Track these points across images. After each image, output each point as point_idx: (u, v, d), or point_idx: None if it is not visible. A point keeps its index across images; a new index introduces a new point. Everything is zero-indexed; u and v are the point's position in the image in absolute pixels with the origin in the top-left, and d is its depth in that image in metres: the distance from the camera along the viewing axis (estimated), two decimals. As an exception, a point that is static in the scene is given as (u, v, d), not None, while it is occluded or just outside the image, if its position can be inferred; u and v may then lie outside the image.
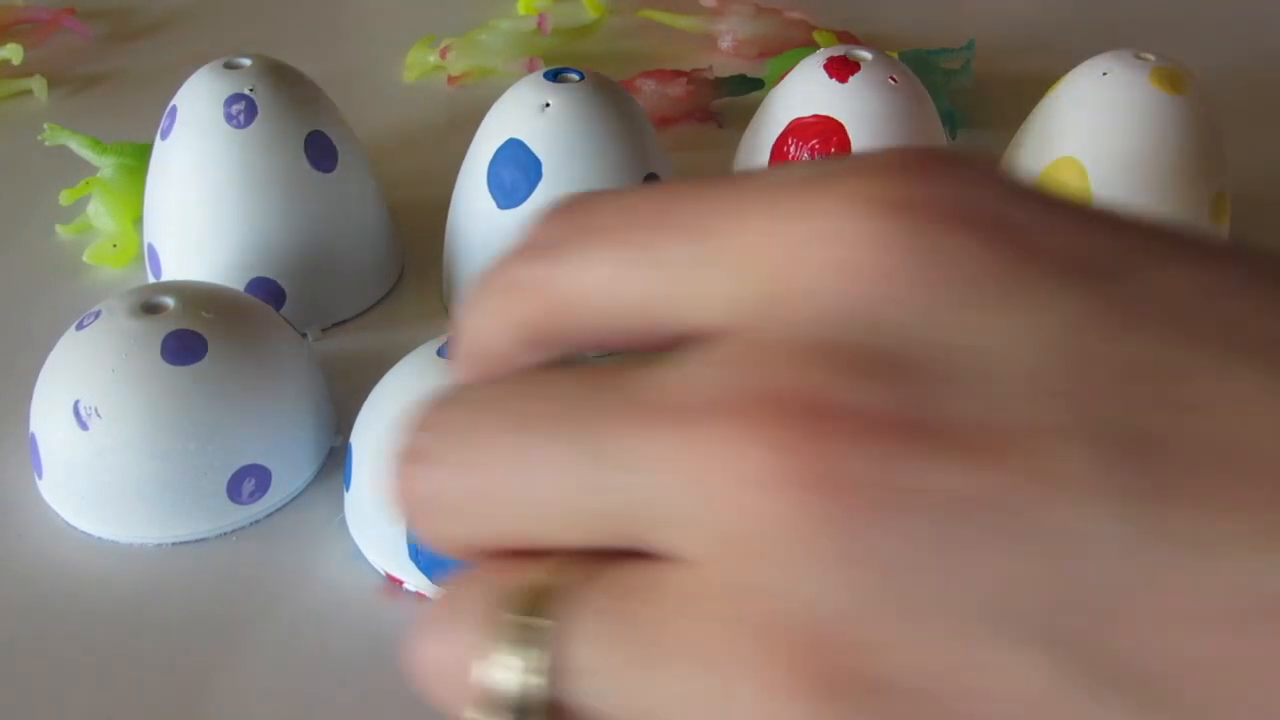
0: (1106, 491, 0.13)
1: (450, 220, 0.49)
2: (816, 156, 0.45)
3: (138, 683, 0.34)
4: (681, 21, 0.69)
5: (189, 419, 0.37)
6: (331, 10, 0.78)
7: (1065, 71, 0.48)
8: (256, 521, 0.40)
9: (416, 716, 0.33)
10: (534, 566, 0.16)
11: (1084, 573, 0.13)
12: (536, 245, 0.18)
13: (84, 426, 0.37)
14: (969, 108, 0.63)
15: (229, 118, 0.45)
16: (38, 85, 0.66)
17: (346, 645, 0.36)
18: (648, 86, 0.61)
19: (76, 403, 0.38)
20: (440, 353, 0.37)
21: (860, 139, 0.45)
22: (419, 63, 0.67)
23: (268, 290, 0.47)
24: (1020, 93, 0.55)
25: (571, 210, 0.18)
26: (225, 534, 0.39)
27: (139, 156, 0.53)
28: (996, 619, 0.14)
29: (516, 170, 0.45)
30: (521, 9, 0.70)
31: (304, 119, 0.47)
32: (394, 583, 0.37)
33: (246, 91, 0.46)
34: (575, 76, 0.46)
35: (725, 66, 0.65)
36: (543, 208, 0.18)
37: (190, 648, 0.36)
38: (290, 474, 0.40)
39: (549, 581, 0.16)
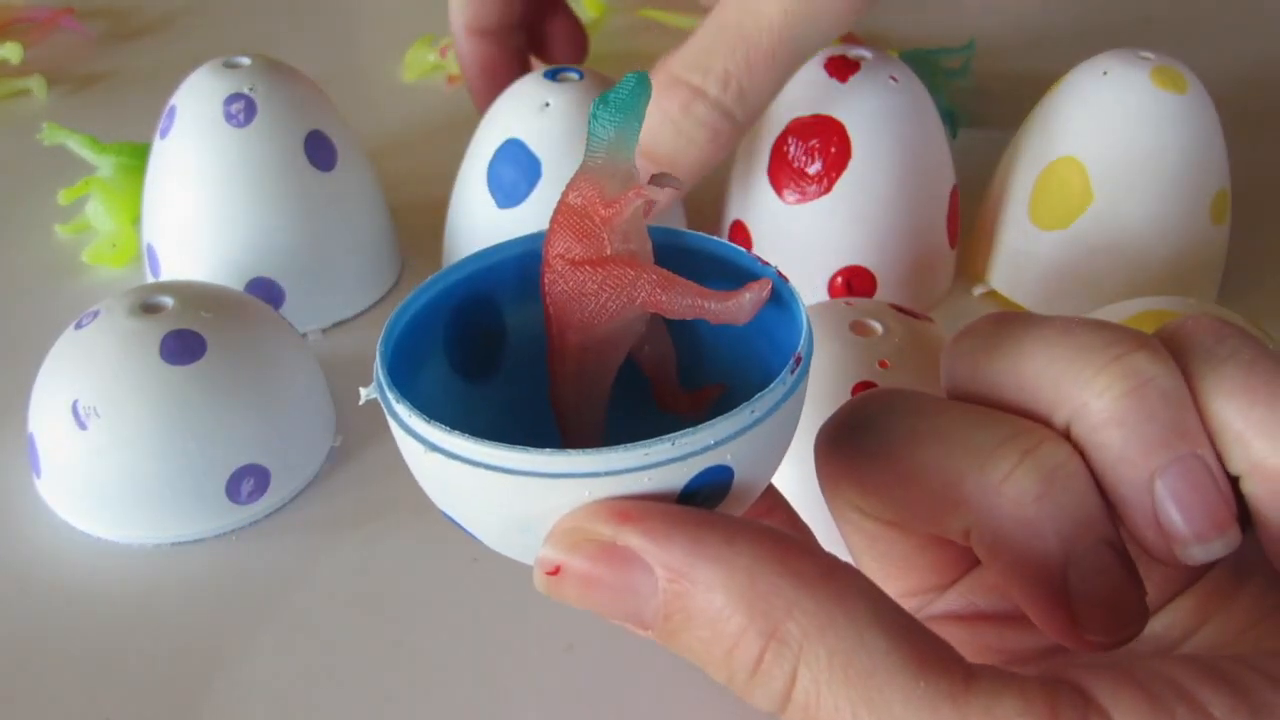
0: None
1: (450, 219, 0.49)
2: (816, 156, 0.45)
3: (136, 683, 0.34)
4: (682, 21, 0.69)
5: (188, 419, 0.37)
6: (331, 10, 0.78)
7: (1065, 71, 0.48)
8: (255, 521, 0.40)
9: (415, 716, 0.33)
10: None
11: None
12: None
13: (82, 426, 0.37)
14: (969, 107, 0.63)
15: (228, 117, 0.45)
16: (36, 84, 0.66)
17: (346, 646, 0.36)
18: (648, 86, 0.60)
19: (75, 402, 0.37)
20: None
21: (860, 139, 0.45)
22: (419, 62, 0.67)
23: (268, 290, 0.47)
24: (1020, 92, 0.55)
25: None
26: (224, 534, 0.39)
27: (138, 156, 0.53)
28: None
29: (516, 170, 0.45)
30: (521, 9, 0.70)
31: (303, 118, 0.47)
32: None
33: (246, 91, 0.46)
34: (575, 76, 0.46)
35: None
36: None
37: (189, 648, 0.35)
38: (289, 474, 0.40)
39: None
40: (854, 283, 0.46)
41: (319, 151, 0.47)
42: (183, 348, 0.38)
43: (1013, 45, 0.70)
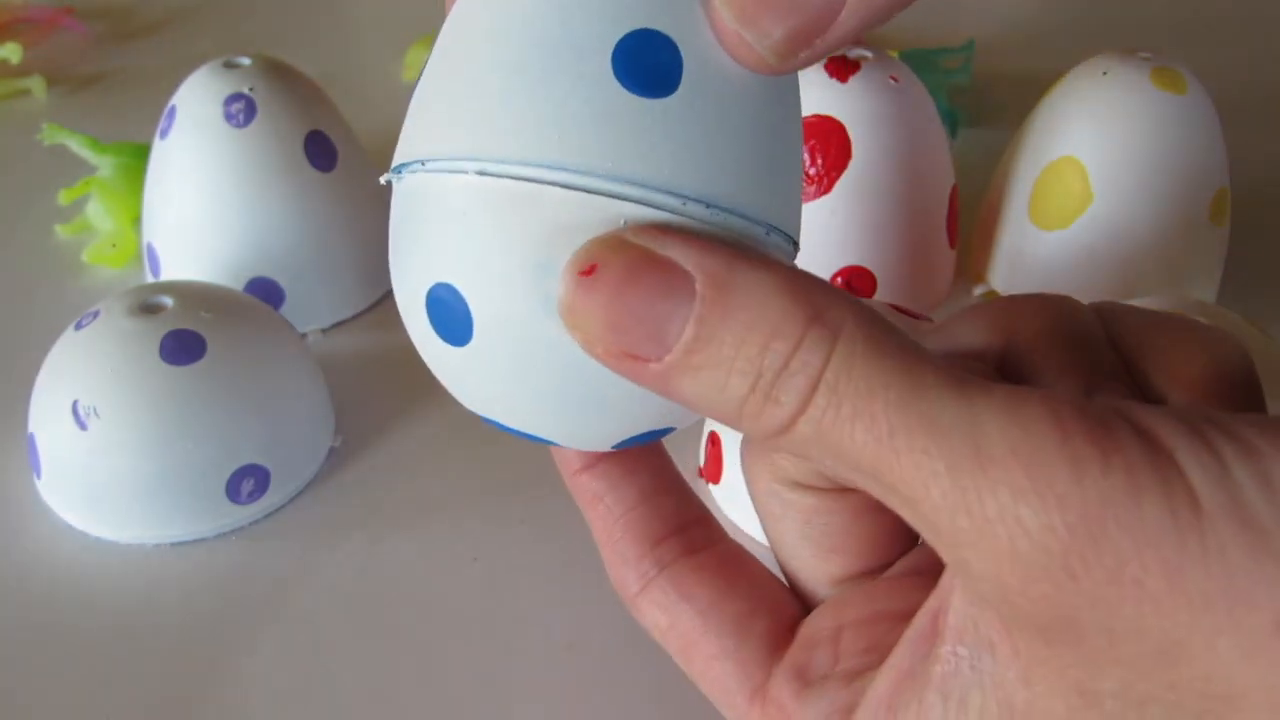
0: None
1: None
2: (817, 157, 0.45)
3: (136, 683, 0.34)
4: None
5: (187, 419, 0.37)
6: (331, 10, 0.78)
7: (1065, 71, 0.48)
8: (255, 521, 0.40)
9: (415, 716, 0.33)
10: None
11: None
12: None
13: (82, 426, 0.37)
14: (969, 107, 0.63)
15: (228, 117, 0.45)
16: (36, 84, 0.66)
17: (346, 646, 0.36)
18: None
19: (75, 403, 0.37)
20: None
21: (860, 139, 0.45)
22: (419, 62, 0.67)
23: (268, 290, 0.47)
24: (1020, 93, 0.55)
25: None
26: (224, 534, 0.39)
27: (138, 156, 0.53)
28: None
29: None
30: (521, 9, 0.70)
31: (304, 119, 0.47)
32: None
33: (246, 91, 0.46)
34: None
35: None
36: None
37: (189, 648, 0.35)
38: (289, 474, 0.40)
39: None
40: (854, 283, 0.46)
41: (319, 151, 0.47)
42: (182, 348, 0.38)
43: (1013, 45, 0.70)
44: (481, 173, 0.20)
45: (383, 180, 0.22)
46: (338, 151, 0.48)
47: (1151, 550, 0.16)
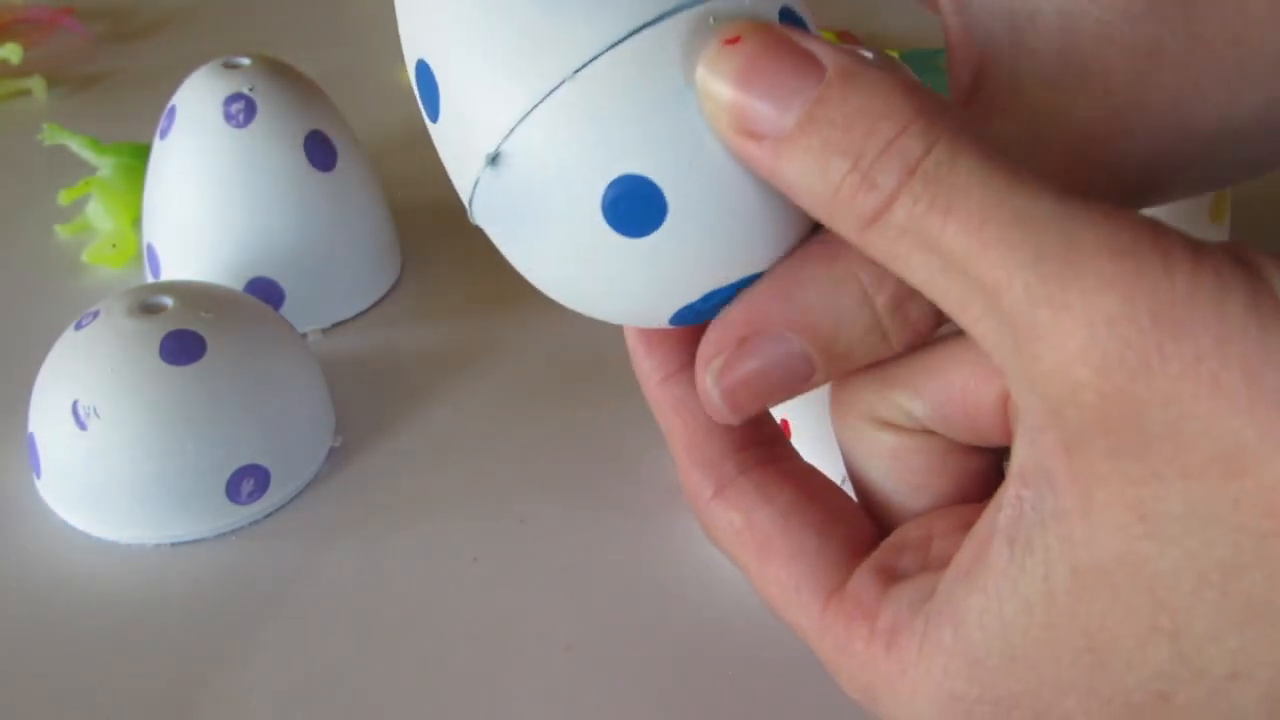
0: None
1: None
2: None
3: (136, 683, 0.34)
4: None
5: (187, 419, 0.37)
6: (331, 10, 0.78)
7: (1065, 71, 0.48)
8: (255, 521, 0.40)
9: (416, 716, 0.33)
10: None
11: None
12: None
13: (82, 426, 0.37)
14: (969, 108, 0.62)
15: (228, 117, 0.45)
16: (36, 85, 0.66)
17: (345, 646, 0.36)
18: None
19: (75, 403, 0.37)
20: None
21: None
22: (418, 62, 0.67)
23: (268, 290, 0.47)
24: (1020, 93, 0.54)
25: None
26: (224, 534, 0.39)
27: (138, 156, 0.53)
28: None
29: None
30: (521, 9, 0.70)
31: (303, 119, 0.47)
32: None
33: (246, 91, 0.46)
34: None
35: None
36: None
37: (189, 648, 0.35)
38: (289, 474, 0.40)
39: None
40: (854, 283, 0.46)
41: (319, 151, 0.47)
42: (182, 348, 0.38)
43: (1013, 45, 0.70)
44: (578, 70, 0.21)
45: (475, 178, 0.23)
46: (338, 151, 0.48)
47: (1233, 347, 0.16)
